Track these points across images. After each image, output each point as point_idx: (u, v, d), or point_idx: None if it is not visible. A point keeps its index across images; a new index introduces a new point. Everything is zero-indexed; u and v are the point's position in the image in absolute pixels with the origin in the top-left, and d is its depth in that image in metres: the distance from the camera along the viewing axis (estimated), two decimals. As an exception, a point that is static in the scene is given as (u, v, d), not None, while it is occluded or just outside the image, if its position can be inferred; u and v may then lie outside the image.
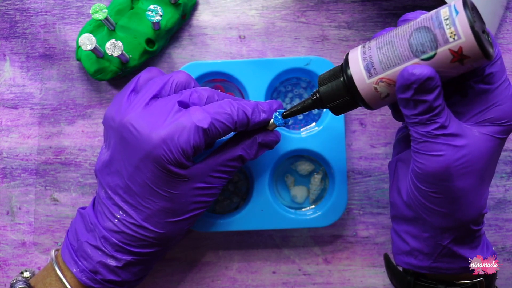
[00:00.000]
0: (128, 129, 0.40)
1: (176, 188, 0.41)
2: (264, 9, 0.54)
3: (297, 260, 0.52)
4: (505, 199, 0.52)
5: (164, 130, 0.39)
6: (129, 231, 0.42)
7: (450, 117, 0.37)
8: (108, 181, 0.42)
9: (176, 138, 0.39)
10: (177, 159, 0.39)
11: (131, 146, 0.40)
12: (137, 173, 0.40)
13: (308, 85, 0.52)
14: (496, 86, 0.38)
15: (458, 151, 0.37)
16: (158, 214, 0.41)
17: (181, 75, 0.43)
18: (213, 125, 0.40)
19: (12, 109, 0.53)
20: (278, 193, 0.51)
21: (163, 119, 0.40)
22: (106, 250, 0.42)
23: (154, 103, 0.41)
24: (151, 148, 0.39)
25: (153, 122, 0.40)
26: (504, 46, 0.53)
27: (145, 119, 0.40)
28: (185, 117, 0.40)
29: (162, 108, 0.40)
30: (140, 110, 0.40)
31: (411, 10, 0.53)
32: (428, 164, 0.38)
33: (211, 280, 0.52)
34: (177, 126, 0.39)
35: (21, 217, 0.52)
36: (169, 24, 0.51)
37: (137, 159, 0.40)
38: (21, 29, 0.54)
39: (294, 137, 0.50)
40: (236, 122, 0.41)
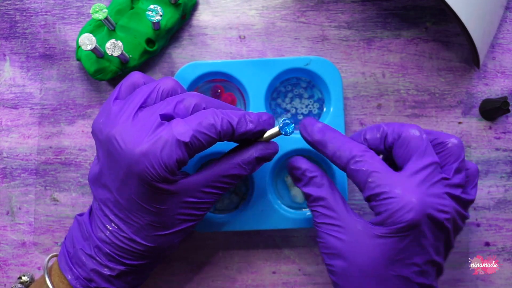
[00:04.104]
0: (113, 143, 0.39)
1: (164, 203, 0.40)
2: (264, 9, 0.54)
3: (297, 260, 0.52)
4: (505, 199, 0.52)
5: (146, 146, 0.38)
6: (120, 243, 0.41)
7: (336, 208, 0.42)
8: (98, 193, 0.42)
9: (158, 154, 0.38)
10: (161, 175, 0.38)
11: (117, 161, 0.39)
12: (124, 188, 0.40)
13: (308, 85, 0.52)
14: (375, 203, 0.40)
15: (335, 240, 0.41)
16: (147, 228, 0.41)
17: (168, 82, 0.42)
18: (195, 138, 0.38)
19: (12, 109, 0.53)
20: (278, 193, 0.51)
21: (145, 133, 0.38)
22: (100, 260, 0.42)
23: (139, 115, 0.40)
24: (134, 164, 0.38)
25: (136, 137, 0.38)
26: (504, 46, 0.53)
27: (129, 133, 0.39)
28: (166, 131, 0.38)
29: (145, 122, 0.39)
30: (125, 123, 0.39)
31: (411, 10, 0.53)
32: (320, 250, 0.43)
33: (211, 280, 0.52)
34: (158, 141, 0.38)
35: (21, 217, 0.52)
36: (169, 24, 0.51)
37: (123, 174, 0.39)
38: (21, 29, 0.54)
39: (294, 137, 0.50)
40: (220, 132, 0.39)
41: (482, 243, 0.52)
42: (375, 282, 0.40)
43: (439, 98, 0.53)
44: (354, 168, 0.41)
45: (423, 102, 0.53)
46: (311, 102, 0.52)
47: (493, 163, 0.52)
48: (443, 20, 0.53)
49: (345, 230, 0.41)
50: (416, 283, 0.41)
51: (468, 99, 0.53)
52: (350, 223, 0.41)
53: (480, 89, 0.53)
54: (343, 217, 0.41)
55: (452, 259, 0.52)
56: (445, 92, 0.53)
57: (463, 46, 0.53)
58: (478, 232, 0.52)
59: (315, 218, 0.43)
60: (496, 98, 0.51)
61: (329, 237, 0.41)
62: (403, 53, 0.53)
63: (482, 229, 0.52)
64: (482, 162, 0.52)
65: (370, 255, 0.40)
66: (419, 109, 0.53)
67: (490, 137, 0.53)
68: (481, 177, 0.52)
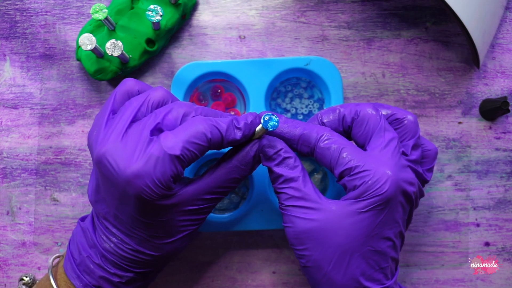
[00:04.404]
0: (105, 164, 0.38)
1: (164, 215, 0.40)
2: (264, 9, 0.54)
3: (297, 260, 0.52)
4: (505, 199, 0.52)
5: (137, 166, 0.37)
6: (126, 254, 0.41)
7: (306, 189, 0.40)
8: (98, 208, 0.42)
9: (152, 173, 0.37)
10: (158, 193, 0.38)
11: (111, 181, 0.39)
12: (122, 205, 0.39)
13: (308, 85, 0.52)
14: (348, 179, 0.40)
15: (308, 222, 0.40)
16: (151, 239, 0.41)
17: (158, 93, 0.41)
18: (186, 149, 0.38)
19: (12, 109, 0.53)
20: (278, 193, 0.51)
21: (136, 152, 0.38)
22: (108, 269, 0.42)
23: (129, 132, 0.39)
24: (129, 186, 0.38)
25: (127, 157, 0.38)
26: (504, 46, 0.53)
27: (120, 153, 0.38)
28: (156, 147, 0.38)
29: (135, 139, 0.38)
30: (115, 142, 0.38)
31: (411, 10, 0.53)
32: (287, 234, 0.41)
33: (211, 280, 0.52)
34: (150, 159, 0.37)
35: (21, 217, 0.52)
36: (169, 24, 0.51)
37: (119, 194, 0.39)
38: (21, 29, 0.54)
39: (294, 137, 0.50)
40: (210, 140, 0.39)
41: (482, 243, 0.52)
42: (353, 260, 0.39)
43: (439, 98, 0.53)
44: (324, 146, 0.41)
45: (423, 102, 0.53)
46: (311, 102, 0.52)
47: (493, 163, 0.52)
48: (443, 20, 0.53)
49: (318, 212, 0.40)
50: (390, 257, 0.40)
51: (468, 99, 0.53)
52: (324, 204, 0.40)
53: (480, 89, 0.53)
54: (315, 198, 0.40)
55: (452, 259, 0.52)
56: (445, 92, 0.53)
57: (463, 46, 0.53)
58: (478, 232, 0.52)
59: (283, 200, 0.41)
60: (496, 98, 0.51)
61: (300, 220, 0.40)
62: (403, 53, 0.53)
63: (482, 229, 0.52)
64: (482, 162, 0.52)
65: (347, 233, 0.39)
66: (419, 109, 0.53)
67: (490, 137, 0.53)
68: (481, 177, 0.52)
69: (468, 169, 0.52)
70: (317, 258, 0.40)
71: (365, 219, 0.39)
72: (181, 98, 0.50)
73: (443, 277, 0.51)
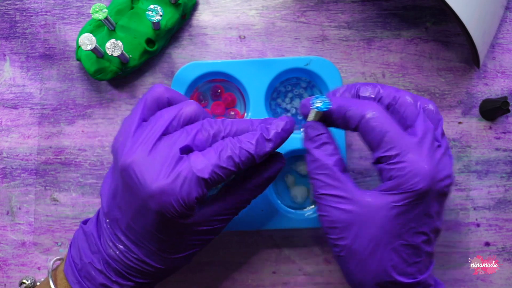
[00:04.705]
0: (130, 174, 0.38)
1: (179, 233, 0.40)
2: (264, 9, 0.54)
3: (297, 260, 0.52)
4: (505, 199, 0.52)
5: (164, 182, 0.37)
6: (131, 263, 0.41)
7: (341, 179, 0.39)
8: (110, 212, 0.41)
9: (177, 191, 0.37)
10: (179, 212, 0.38)
11: (133, 192, 0.39)
12: (139, 217, 0.39)
13: (308, 85, 0.52)
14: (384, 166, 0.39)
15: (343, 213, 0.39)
16: (159, 253, 0.41)
17: (190, 108, 0.41)
18: (214, 173, 0.38)
19: (12, 109, 0.53)
20: (278, 193, 0.51)
21: (164, 168, 0.38)
22: (110, 276, 0.41)
23: (158, 147, 0.39)
24: (152, 201, 0.38)
25: (154, 172, 0.38)
26: (504, 46, 0.53)
27: (147, 166, 0.38)
28: (185, 167, 0.38)
29: (164, 155, 0.38)
30: (143, 154, 0.38)
31: (411, 10, 0.53)
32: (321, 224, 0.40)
33: (211, 280, 0.52)
34: (178, 178, 0.37)
35: (21, 217, 0.52)
36: (169, 24, 0.51)
37: (139, 205, 0.39)
38: (21, 29, 0.54)
39: (294, 137, 0.50)
40: (238, 164, 0.39)
41: (482, 243, 0.52)
42: (386, 253, 0.39)
43: (439, 98, 0.53)
44: (368, 126, 0.39)
45: (423, 102, 0.53)
46: (311, 102, 0.52)
47: (493, 163, 0.52)
48: (443, 20, 0.53)
49: (353, 202, 0.39)
50: (424, 252, 0.40)
51: (468, 99, 0.53)
52: (359, 195, 0.39)
53: (480, 89, 0.53)
54: (350, 189, 0.39)
55: (452, 259, 0.52)
56: (445, 92, 0.53)
57: (463, 46, 0.53)
58: (478, 232, 0.52)
59: (318, 188, 0.40)
60: (496, 98, 0.51)
61: (334, 210, 0.39)
62: (403, 53, 0.53)
63: (482, 229, 0.52)
64: (482, 162, 0.52)
65: (381, 226, 0.38)
66: (419, 109, 0.53)
67: (490, 137, 0.53)
68: (481, 177, 0.52)
69: (468, 169, 0.52)
70: (350, 249, 0.39)
71: (399, 213, 0.38)
72: (181, 98, 0.50)
73: (443, 277, 0.51)
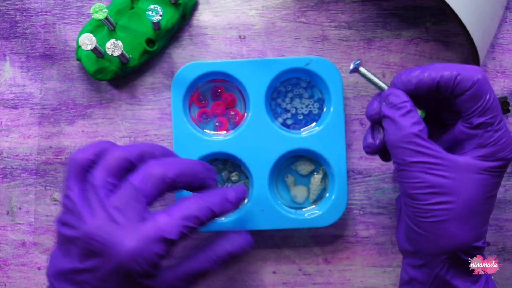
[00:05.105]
0: (91, 242, 0.38)
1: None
2: (264, 9, 0.54)
3: (297, 260, 0.52)
4: (505, 199, 0.52)
5: (132, 243, 0.37)
6: None
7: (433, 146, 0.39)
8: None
9: (145, 251, 0.37)
10: (146, 271, 0.38)
11: (97, 259, 0.38)
12: (102, 284, 0.38)
13: (308, 85, 0.52)
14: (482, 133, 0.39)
15: (438, 178, 0.38)
16: None
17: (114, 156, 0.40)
18: (181, 233, 0.38)
19: (12, 109, 0.53)
20: (278, 193, 0.51)
21: (129, 230, 0.38)
22: None
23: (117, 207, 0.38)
24: (120, 263, 0.37)
25: (120, 234, 0.38)
26: (504, 46, 0.53)
27: (110, 229, 0.38)
28: (151, 227, 0.38)
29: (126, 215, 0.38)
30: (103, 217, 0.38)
31: (411, 10, 0.53)
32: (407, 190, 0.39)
33: (211, 280, 0.52)
34: (145, 239, 0.37)
35: (21, 217, 0.52)
36: (169, 24, 0.51)
37: (103, 272, 0.38)
38: (21, 29, 0.54)
39: (294, 137, 0.50)
40: (202, 221, 0.40)
41: (482, 243, 0.52)
42: (478, 217, 0.39)
43: (439, 98, 0.53)
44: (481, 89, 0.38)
45: (423, 102, 0.53)
46: (311, 102, 0.52)
47: (493, 163, 0.52)
48: (443, 20, 0.53)
49: (447, 167, 0.38)
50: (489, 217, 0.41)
51: (468, 99, 0.53)
52: (450, 159, 0.38)
53: (480, 89, 0.53)
54: (440, 153, 0.38)
55: (452, 259, 0.52)
56: (445, 92, 0.53)
57: (463, 46, 0.53)
58: (478, 232, 0.52)
59: (406, 156, 0.39)
60: (496, 98, 0.51)
61: (427, 175, 0.38)
62: (403, 53, 0.53)
63: (482, 229, 0.52)
64: (482, 162, 0.52)
65: (474, 191, 0.38)
66: (419, 109, 0.53)
67: (490, 137, 0.53)
68: (481, 177, 0.52)
69: (468, 169, 0.52)
70: (440, 213, 0.39)
71: (489, 179, 0.39)
72: (181, 98, 0.50)
73: (443, 277, 0.51)
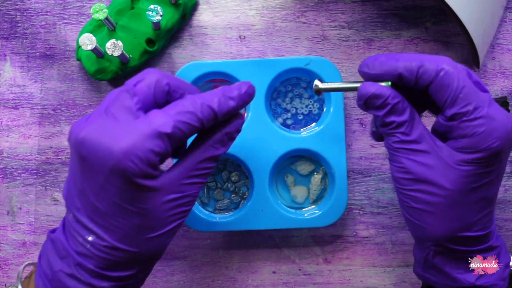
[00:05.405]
0: (86, 146, 0.36)
1: (147, 202, 0.37)
2: (264, 9, 0.54)
3: (297, 260, 0.52)
4: (505, 199, 0.52)
5: (125, 142, 0.35)
6: (103, 254, 0.38)
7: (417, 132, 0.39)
8: (74, 203, 0.38)
9: (139, 148, 0.35)
10: (143, 170, 0.36)
11: (92, 164, 0.36)
12: (103, 191, 0.37)
13: (308, 85, 0.52)
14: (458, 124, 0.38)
15: (419, 166, 0.38)
16: (132, 232, 0.38)
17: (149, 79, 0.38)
18: (177, 128, 0.36)
19: (12, 109, 0.53)
20: (278, 193, 0.51)
21: (121, 129, 0.36)
22: (83, 278, 0.38)
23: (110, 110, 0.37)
24: (114, 163, 0.35)
25: (112, 135, 0.36)
26: (504, 46, 0.53)
27: (103, 132, 0.36)
28: (145, 124, 0.36)
29: (119, 117, 0.37)
30: (95, 122, 0.37)
31: (411, 10, 0.53)
32: (393, 173, 0.40)
33: (211, 280, 0.52)
34: (138, 136, 0.36)
35: (21, 217, 0.52)
36: (169, 24, 0.51)
37: (101, 177, 0.36)
38: (22, 29, 0.54)
39: (294, 137, 0.50)
40: (202, 120, 0.37)
41: (482, 243, 0.52)
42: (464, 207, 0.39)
43: (439, 98, 0.53)
44: (445, 80, 0.37)
45: (423, 102, 0.53)
46: (311, 102, 0.52)
47: (493, 163, 0.52)
48: (443, 20, 0.53)
49: (430, 156, 0.38)
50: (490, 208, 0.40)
51: (468, 99, 0.53)
52: (433, 148, 0.39)
53: (480, 89, 0.53)
54: (425, 141, 0.39)
55: (452, 259, 0.52)
56: (445, 92, 0.53)
57: (463, 46, 0.53)
58: (478, 232, 0.52)
59: (393, 143, 0.39)
60: (496, 98, 0.51)
61: (410, 161, 0.39)
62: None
63: (482, 229, 0.52)
64: (482, 162, 0.52)
65: (455, 182, 0.38)
66: (419, 109, 0.53)
67: (490, 137, 0.53)
68: (481, 177, 0.52)
69: (468, 169, 0.52)
70: (422, 200, 0.39)
71: (472, 170, 0.38)
72: (181, 98, 0.50)
73: (443, 277, 0.51)
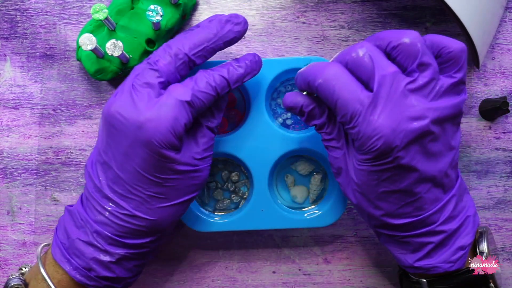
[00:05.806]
0: (116, 116, 0.41)
1: (165, 172, 0.41)
2: (264, 9, 0.54)
3: (297, 260, 0.52)
4: (505, 199, 0.52)
5: (150, 113, 0.40)
6: (121, 222, 0.42)
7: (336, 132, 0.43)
8: (97, 173, 0.43)
9: (163, 118, 0.40)
10: (168, 139, 0.40)
11: (120, 134, 0.41)
12: (126, 160, 0.41)
13: (308, 85, 0.52)
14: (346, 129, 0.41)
15: (336, 160, 0.43)
16: (149, 201, 0.42)
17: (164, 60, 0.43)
18: (195, 96, 0.41)
19: (12, 109, 0.53)
20: (278, 193, 0.51)
21: (147, 102, 0.40)
22: (99, 245, 0.42)
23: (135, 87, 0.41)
24: (140, 132, 0.40)
25: (139, 106, 0.40)
26: (503, 46, 0.53)
27: (131, 104, 0.41)
28: (166, 96, 0.41)
29: (143, 92, 0.41)
30: (124, 96, 0.41)
31: (411, 10, 0.53)
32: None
33: (211, 280, 0.52)
34: (162, 106, 0.40)
35: (21, 217, 0.52)
36: (169, 24, 0.51)
37: (126, 146, 0.41)
38: (22, 29, 0.54)
39: (294, 137, 0.50)
40: (216, 88, 0.42)
41: (482, 243, 0.52)
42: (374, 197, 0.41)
43: (439, 98, 0.53)
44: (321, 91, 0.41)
45: (423, 102, 0.53)
46: (311, 102, 0.52)
47: (492, 163, 0.52)
48: (443, 20, 0.53)
49: (342, 152, 0.43)
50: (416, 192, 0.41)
51: (468, 99, 0.53)
52: (346, 146, 0.43)
53: (480, 89, 0.53)
54: (342, 139, 0.43)
55: (452, 259, 0.52)
56: (445, 92, 0.53)
57: (463, 46, 0.53)
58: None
59: (322, 140, 0.44)
60: (495, 98, 0.51)
61: (331, 157, 0.44)
62: (403, 53, 0.53)
63: (482, 229, 0.52)
64: (481, 162, 0.52)
65: (359, 176, 0.41)
66: (419, 109, 0.53)
67: (489, 137, 0.53)
68: (480, 177, 0.52)
69: (468, 169, 0.52)
70: (345, 190, 0.44)
71: (369, 168, 0.40)
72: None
73: (443, 277, 0.51)
